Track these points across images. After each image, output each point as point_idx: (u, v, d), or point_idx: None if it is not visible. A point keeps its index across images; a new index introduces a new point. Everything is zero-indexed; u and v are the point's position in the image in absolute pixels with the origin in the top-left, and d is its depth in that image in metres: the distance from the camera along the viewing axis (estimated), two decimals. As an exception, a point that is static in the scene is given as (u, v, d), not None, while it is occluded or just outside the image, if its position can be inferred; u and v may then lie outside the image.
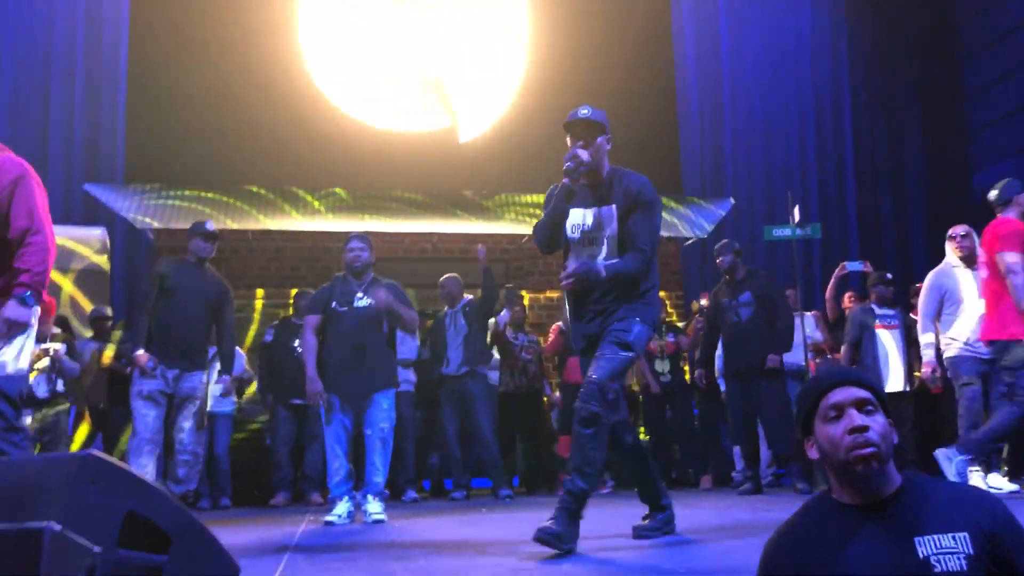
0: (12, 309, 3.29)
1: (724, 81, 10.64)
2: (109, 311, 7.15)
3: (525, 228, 8.76)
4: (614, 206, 3.63)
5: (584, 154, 3.52)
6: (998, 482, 5.23)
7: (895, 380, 6.89)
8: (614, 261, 3.59)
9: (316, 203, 8.85)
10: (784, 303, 6.61)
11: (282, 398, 7.37)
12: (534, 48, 10.34)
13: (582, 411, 3.40)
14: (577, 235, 3.70)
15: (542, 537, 3.22)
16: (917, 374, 6.85)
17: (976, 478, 4.85)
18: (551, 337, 7.85)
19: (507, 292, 7.88)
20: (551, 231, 3.68)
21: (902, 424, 6.78)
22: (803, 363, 7.06)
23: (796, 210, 7.09)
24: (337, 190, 9.02)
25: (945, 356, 5.49)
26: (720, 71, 10.65)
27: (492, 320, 7.51)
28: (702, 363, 6.99)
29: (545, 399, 8.17)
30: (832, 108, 10.97)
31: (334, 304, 5.25)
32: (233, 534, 2.77)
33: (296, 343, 7.32)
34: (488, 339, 7.38)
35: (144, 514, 2.63)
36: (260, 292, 9.15)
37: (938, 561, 1.56)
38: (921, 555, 1.58)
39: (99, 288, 7.89)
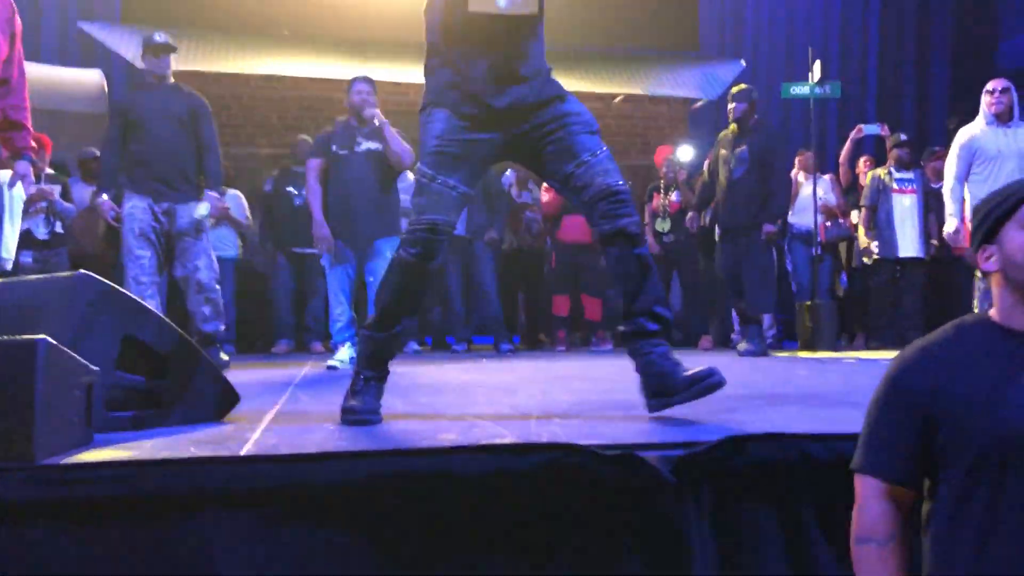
0: (28, 170, 3.68)
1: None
2: (98, 152, 6.93)
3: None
4: None
5: None
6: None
7: (910, 245, 6.78)
8: None
9: (319, 48, 8.53)
10: (781, 164, 6.26)
11: (282, 246, 7.33)
12: None
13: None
14: None
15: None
16: (934, 241, 6.75)
17: None
18: (547, 195, 7.59)
19: None
20: None
21: (913, 290, 6.74)
22: (812, 226, 6.94)
23: (817, 66, 6.80)
24: (343, 35, 8.67)
25: (970, 220, 5.32)
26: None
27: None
28: (696, 207, 6.82)
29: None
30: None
31: (334, 147, 5.12)
32: (235, 375, 2.76)
33: (293, 190, 7.23)
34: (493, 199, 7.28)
35: (141, 339, 2.60)
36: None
37: None
38: None
39: (96, 133, 7.64)
